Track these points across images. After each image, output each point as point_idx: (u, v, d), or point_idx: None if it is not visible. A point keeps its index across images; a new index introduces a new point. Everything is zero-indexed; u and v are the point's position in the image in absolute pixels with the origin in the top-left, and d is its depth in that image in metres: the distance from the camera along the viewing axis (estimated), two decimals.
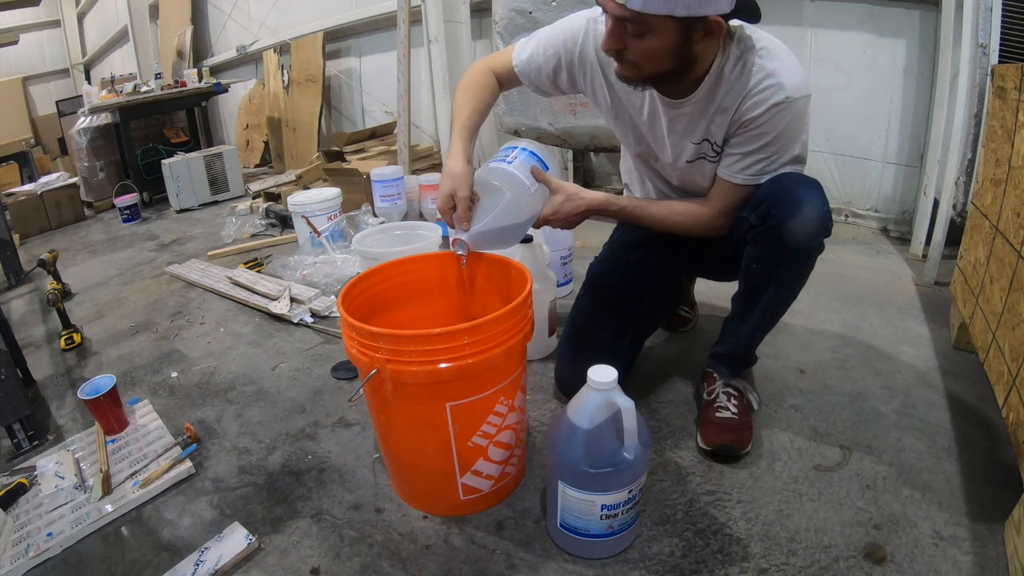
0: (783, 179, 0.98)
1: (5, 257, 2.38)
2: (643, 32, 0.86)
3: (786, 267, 0.99)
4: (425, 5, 2.70)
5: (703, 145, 1.04)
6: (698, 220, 1.08)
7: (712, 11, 0.83)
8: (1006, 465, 1.00)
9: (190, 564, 0.91)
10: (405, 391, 0.87)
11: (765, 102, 0.93)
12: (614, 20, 0.87)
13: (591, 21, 1.05)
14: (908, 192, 2.03)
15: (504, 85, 1.17)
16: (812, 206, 0.93)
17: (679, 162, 1.09)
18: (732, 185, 1.03)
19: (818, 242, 0.96)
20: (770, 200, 0.96)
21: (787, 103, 0.92)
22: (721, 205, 1.06)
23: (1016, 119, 1.11)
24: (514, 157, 1.05)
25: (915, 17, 1.86)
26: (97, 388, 1.24)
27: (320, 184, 2.82)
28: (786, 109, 0.93)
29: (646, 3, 0.81)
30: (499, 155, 1.07)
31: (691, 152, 1.06)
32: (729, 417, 1.08)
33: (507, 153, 1.07)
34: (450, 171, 1.01)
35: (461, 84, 1.14)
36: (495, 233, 1.02)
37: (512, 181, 1.02)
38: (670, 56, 0.89)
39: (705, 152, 1.05)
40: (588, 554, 0.88)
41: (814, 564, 0.85)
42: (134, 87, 3.56)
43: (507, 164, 1.03)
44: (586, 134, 2.22)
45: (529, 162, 1.05)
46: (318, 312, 1.76)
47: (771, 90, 0.92)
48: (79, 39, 6.73)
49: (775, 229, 0.95)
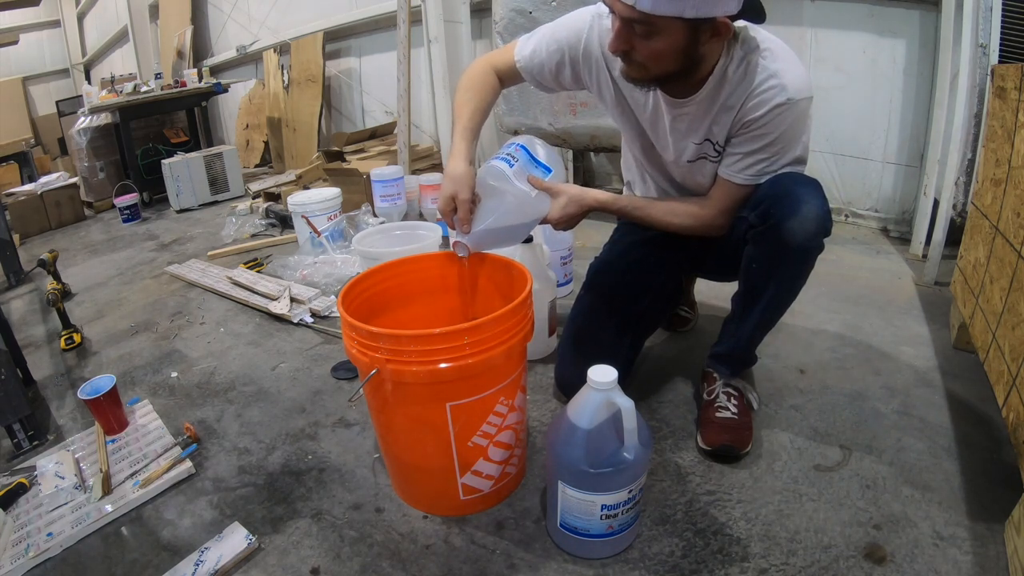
0: (782, 179, 0.98)
1: (5, 257, 2.38)
2: (651, 33, 0.85)
3: (786, 267, 1.00)
4: (425, 5, 2.70)
5: (705, 145, 1.04)
6: (698, 220, 1.08)
7: (720, 12, 0.83)
8: (1006, 465, 1.00)
9: (190, 564, 0.91)
10: (405, 391, 0.87)
11: (768, 103, 0.93)
12: (622, 21, 0.87)
13: (596, 17, 1.05)
14: (908, 192, 2.03)
15: (505, 82, 1.17)
16: (811, 206, 0.93)
17: (681, 160, 1.09)
18: (732, 185, 1.03)
19: (818, 242, 0.96)
20: (769, 200, 0.96)
21: (789, 104, 0.92)
22: (721, 205, 1.06)
23: (1016, 119, 1.11)
24: (516, 158, 1.05)
25: (915, 17, 1.86)
26: (97, 388, 1.24)
27: (320, 184, 2.82)
28: (788, 110, 0.93)
29: (655, 5, 0.80)
30: (501, 153, 1.07)
31: (692, 152, 1.06)
32: (729, 417, 1.08)
33: (509, 151, 1.06)
34: (451, 173, 1.00)
35: (462, 82, 1.14)
36: (496, 235, 1.02)
37: (511, 184, 1.02)
38: (677, 57, 0.89)
39: (707, 152, 1.05)
40: (588, 554, 0.88)
41: (814, 564, 0.85)
42: (134, 87, 3.56)
43: (509, 167, 1.03)
44: (586, 134, 2.22)
45: (530, 166, 1.05)
46: (318, 312, 1.76)
47: (774, 91, 0.92)
48: (79, 39, 6.73)
49: (774, 229, 0.95)
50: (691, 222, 1.09)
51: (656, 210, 1.11)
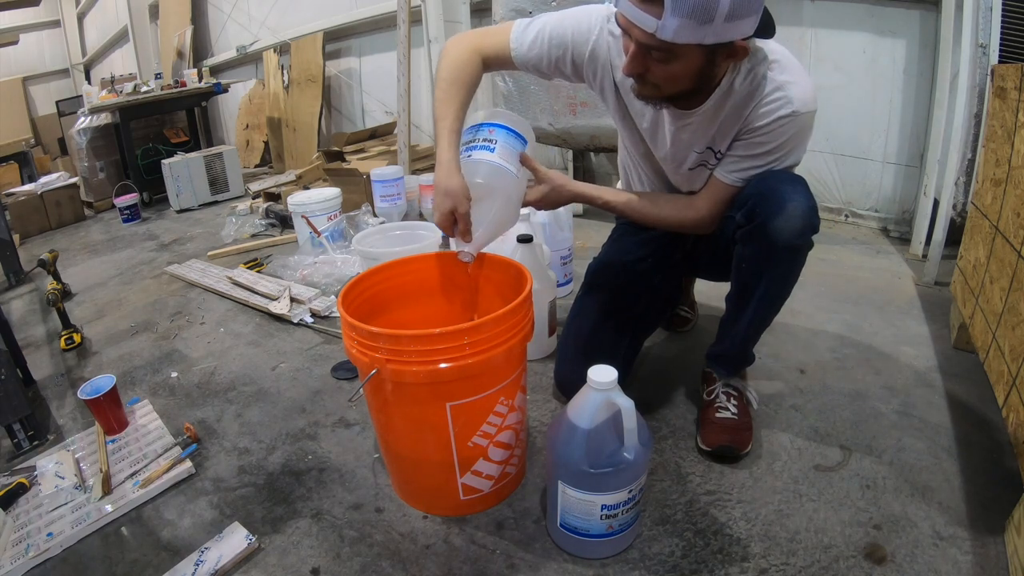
0: (768, 177, 0.97)
1: (5, 257, 2.38)
2: (668, 59, 0.85)
3: (775, 264, 0.99)
4: (425, 5, 2.70)
5: (706, 153, 1.04)
6: (684, 217, 1.09)
7: (738, 36, 0.82)
8: (1006, 465, 1.00)
9: (190, 564, 0.91)
10: (405, 391, 0.87)
11: (772, 114, 0.93)
12: (638, 45, 0.86)
13: (604, 20, 1.03)
14: (908, 192, 2.03)
15: (490, 68, 1.11)
16: (796, 203, 0.92)
17: (681, 169, 1.09)
18: (722, 184, 1.03)
19: (805, 239, 0.95)
20: (755, 199, 0.96)
21: (793, 117, 0.92)
22: (708, 203, 1.06)
23: (1016, 119, 1.11)
24: (494, 142, 1.00)
25: (915, 17, 1.86)
26: (97, 388, 1.24)
27: (320, 184, 2.82)
28: (791, 122, 0.93)
29: (676, 34, 0.79)
30: (477, 140, 1.01)
31: (693, 160, 1.06)
32: (729, 417, 1.08)
33: (483, 135, 1.01)
34: (446, 188, 0.96)
35: (444, 70, 1.05)
36: (495, 228, 1.01)
37: (503, 176, 0.99)
38: (692, 78, 0.89)
39: (707, 160, 1.05)
40: (588, 554, 0.88)
41: (814, 564, 0.85)
42: (134, 87, 3.56)
43: (490, 153, 0.99)
44: (586, 134, 2.22)
45: (509, 143, 1.01)
46: (318, 312, 1.76)
47: (779, 103, 0.92)
48: (79, 39, 6.73)
49: (761, 228, 0.95)
50: (676, 218, 1.09)
51: (642, 206, 1.10)
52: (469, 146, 1.02)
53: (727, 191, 1.03)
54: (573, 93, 2.17)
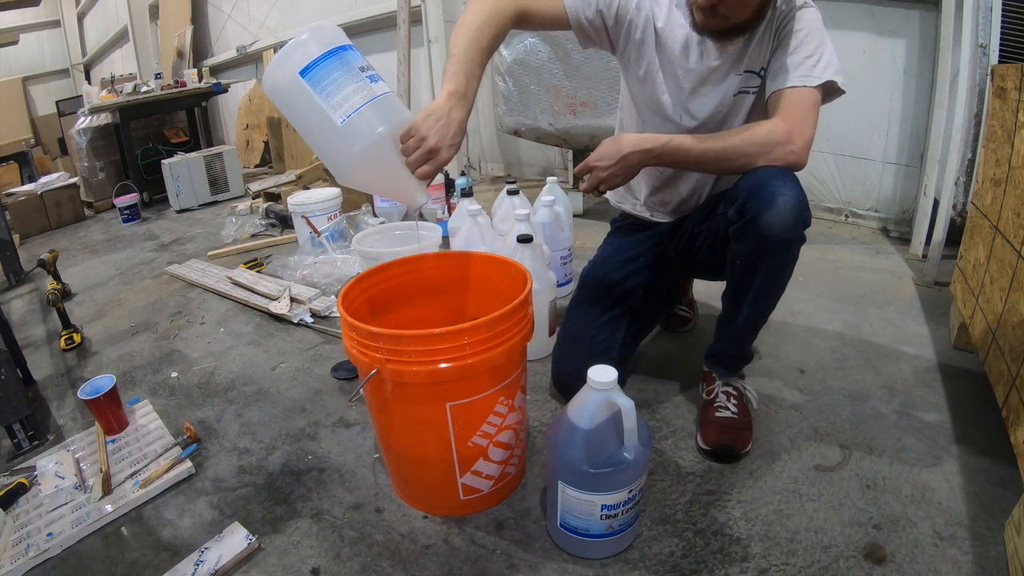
0: (757, 173, 0.97)
1: (5, 257, 2.38)
2: None
3: (768, 260, 0.99)
4: (425, 5, 2.70)
5: (747, 76, 1.05)
6: (768, 143, 0.97)
7: None
8: (1006, 465, 1.00)
9: (190, 564, 0.91)
10: (405, 391, 0.87)
11: (790, 5, 1.01)
12: None
13: None
14: (908, 192, 2.03)
15: (528, 24, 1.06)
16: (786, 197, 0.92)
17: (722, 103, 1.07)
18: (789, 90, 0.99)
19: (797, 233, 0.94)
20: (745, 194, 0.96)
21: (806, 6, 1.02)
22: (789, 118, 0.97)
23: (1016, 119, 1.11)
24: (367, 68, 0.90)
25: (915, 17, 1.86)
26: (97, 388, 1.24)
27: (320, 184, 2.82)
28: (807, 10, 1.01)
29: None
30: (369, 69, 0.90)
31: (735, 85, 1.06)
32: (729, 417, 1.08)
33: (360, 62, 0.91)
34: (445, 115, 0.87)
35: (471, 16, 0.98)
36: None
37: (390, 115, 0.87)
38: (757, 6, 0.96)
39: (748, 85, 1.06)
40: (588, 554, 0.88)
41: (814, 564, 0.85)
42: (134, 87, 3.56)
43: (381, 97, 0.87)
44: (586, 134, 2.22)
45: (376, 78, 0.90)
46: (318, 312, 1.76)
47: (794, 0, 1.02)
48: (79, 39, 6.73)
49: (752, 223, 0.95)
50: (760, 148, 0.97)
51: (716, 143, 0.99)
52: (374, 76, 0.90)
53: (798, 96, 0.98)
54: (573, 93, 2.18)
